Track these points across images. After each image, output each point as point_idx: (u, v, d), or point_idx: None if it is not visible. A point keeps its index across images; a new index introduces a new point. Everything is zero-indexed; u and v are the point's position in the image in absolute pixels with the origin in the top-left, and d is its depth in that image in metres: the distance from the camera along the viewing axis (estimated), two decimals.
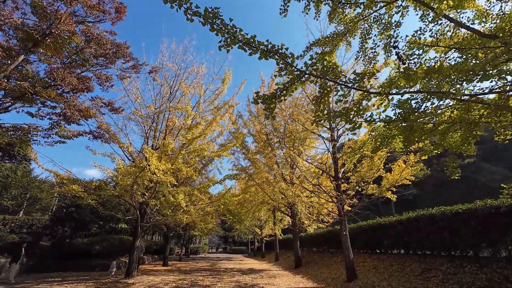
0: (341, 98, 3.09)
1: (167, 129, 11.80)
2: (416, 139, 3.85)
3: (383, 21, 5.11)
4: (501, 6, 5.26)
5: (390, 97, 3.10)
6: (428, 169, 52.61)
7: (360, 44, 5.28)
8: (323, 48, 5.88)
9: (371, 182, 10.62)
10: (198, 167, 15.23)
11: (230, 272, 14.36)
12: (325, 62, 2.66)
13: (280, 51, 2.68)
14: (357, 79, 2.84)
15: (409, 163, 9.54)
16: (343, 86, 2.92)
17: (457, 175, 4.38)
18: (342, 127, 11.16)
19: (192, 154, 10.77)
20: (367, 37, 5.31)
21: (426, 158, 6.01)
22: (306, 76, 2.79)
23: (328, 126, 11.45)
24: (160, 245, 26.78)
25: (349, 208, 11.50)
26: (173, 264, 20.26)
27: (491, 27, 5.29)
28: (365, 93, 2.97)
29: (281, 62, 2.73)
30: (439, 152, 5.91)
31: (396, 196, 10.31)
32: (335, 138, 11.12)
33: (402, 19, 5.03)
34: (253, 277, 12.26)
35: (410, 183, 9.85)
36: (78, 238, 16.24)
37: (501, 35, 3.79)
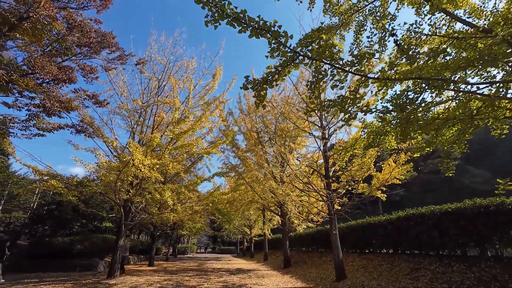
0: (337, 84, 2.89)
1: (155, 124, 11.38)
2: (412, 133, 3.71)
3: (378, 13, 4.98)
4: (495, 3, 5.23)
5: (389, 84, 2.93)
6: (415, 171, 53.79)
7: (355, 36, 5.13)
8: None
9: (361, 181, 10.58)
10: (187, 165, 14.85)
11: (218, 272, 14.06)
12: (321, 41, 2.46)
13: (272, 28, 2.45)
14: (355, 62, 2.65)
15: (399, 162, 9.53)
16: (340, 70, 2.72)
17: (451, 172, 4.27)
18: (334, 125, 11.08)
19: (180, 150, 10.43)
20: (361, 29, 5.17)
21: (418, 155, 5.94)
22: (300, 58, 2.57)
23: (320, 124, 11.35)
24: (146, 244, 26.15)
25: (339, 207, 11.42)
26: (159, 264, 19.74)
27: (485, 23, 5.26)
28: (363, 78, 2.78)
29: (273, 41, 2.51)
30: (431, 150, 5.84)
31: (385, 196, 10.29)
32: (326, 136, 11.01)
33: (398, 12, 4.91)
34: (241, 277, 12.00)
35: (400, 182, 9.85)
36: (58, 237, 15.53)
37: (499, 30, 3.71)
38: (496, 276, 5.76)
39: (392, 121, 6.13)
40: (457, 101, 4.28)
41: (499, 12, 5.09)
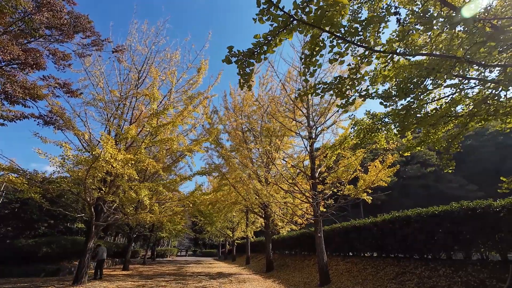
0: (336, 57, 2.51)
1: (133, 118, 10.62)
2: (411, 126, 3.40)
3: None
4: None
5: (395, 58, 2.58)
6: (395, 176, 55.37)
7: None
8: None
9: (347, 183, 10.38)
10: (167, 163, 14.09)
11: (197, 277, 13.36)
12: (321, 2, 2.05)
13: None
14: (359, 30, 2.27)
15: (385, 164, 9.39)
16: (341, 41, 2.34)
17: (451, 168, 4.01)
18: (321, 125, 10.82)
19: (160, 146, 9.75)
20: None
21: (399, 159, 5.73)
22: (294, 23, 2.16)
23: (307, 124, 11.07)
24: (122, 247, 24.75)
25: (324, 210, 11.15)
26: (135, 268, 18.66)
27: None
28: (367, 53, 2.42)
29: (263, 0, 2.08)
30: (421, 149, 5.65)
31: (371, 198, 10.13)
32: (313, 136, 10.74)
33: None
34: (222, 281, 11.41)
35: (386, 184, 9.72)
36: (22, 239, 14.20)
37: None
38: (483, 281, 5.61)
39: (384, 119, 5.90)
40: (451, 99, 4.06)
41: None
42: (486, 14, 3.06)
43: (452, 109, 3.74)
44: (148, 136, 7.86)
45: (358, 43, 2.36)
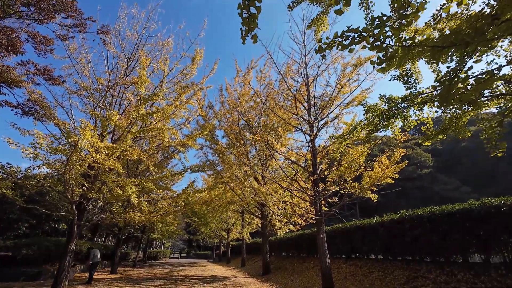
0: None
1: (121, 109, 9.79)
2: (454, 98, 2.72)
3: None
4: None
5: None
6: (391, 178, 55.24)
7: None
8: None
9: (350, 181, 9.70)
10: (159, 158, 13.26)
11: (190, 281, 12.52)
12: None
13: None
14: None
15: (393, 159, 8.76)
16: None
17: (500, 150, 3.35)
18: (324, 118, 10.17)
19: (150, 140, 8.94)
20: None
21: (429, 144, 5.09)
22: None
23: (308, 118, 10.40)
24: (111, 249, 23.69)
25: (326, 209, 10.47)
26: (124, 271, 17.68)
27: None
28: None
29: None
30: (443, 137, 5.00)
31: (377, 196, 9.49)
32: (315, 130, 10.07)
33: None
34: (215, 286, 10.61)
35: (393, 182, 9.08)
36: None
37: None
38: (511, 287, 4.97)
39: (401, 104, 5.24)
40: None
41: None
42: None
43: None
44: (135, 125, 7.04)
45: None
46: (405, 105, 5.09)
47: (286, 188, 10.38)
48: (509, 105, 3.07)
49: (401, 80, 4.73)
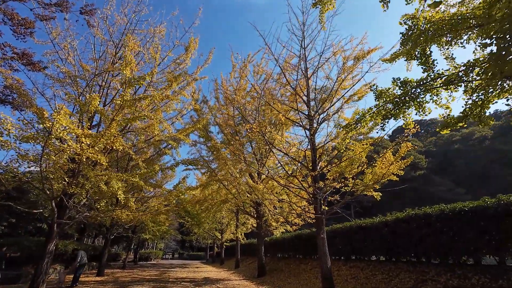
0: None
1: (107, 97, 9.09)
2: (507, 69, 2.21)
3: None
4: None
5: None
6: (385, 179, 55.35)
7: None
8: None
9: (351, 178, 9.18)
10: (149, 154, 12.53)
11: (181, 283, 11.82)
12: None
13: None
14: None
15: (399, 155, 8.26)
16: None
17: None
18: (324, 111, 9.65)
19: (137, 129, 8.26)
20: None
21: (447, 132, 4.61)
22: None
23: (307, 112, 9.87)
24: (100, 249, 22.76)
25: (326, 208, 9.93)
26: (113, 273, 16.85)
27: None
28: None
29: None
30: (464, 125, 4.52)
31: (380, 194, 9.00)
32: (315, 125, 9.54)
33: None
34: None
35: (398, 179, 8.58)
36: None
37: None
38: None
39: (416, 89, 4.74)
40: None
41: None
42: None
43: None
44: (120, 112, 6.34)
45: None
46: (421, 89, 4.59)
47: (283, 185, 9.82)
48: None
49: (420, 60, 4.22)
